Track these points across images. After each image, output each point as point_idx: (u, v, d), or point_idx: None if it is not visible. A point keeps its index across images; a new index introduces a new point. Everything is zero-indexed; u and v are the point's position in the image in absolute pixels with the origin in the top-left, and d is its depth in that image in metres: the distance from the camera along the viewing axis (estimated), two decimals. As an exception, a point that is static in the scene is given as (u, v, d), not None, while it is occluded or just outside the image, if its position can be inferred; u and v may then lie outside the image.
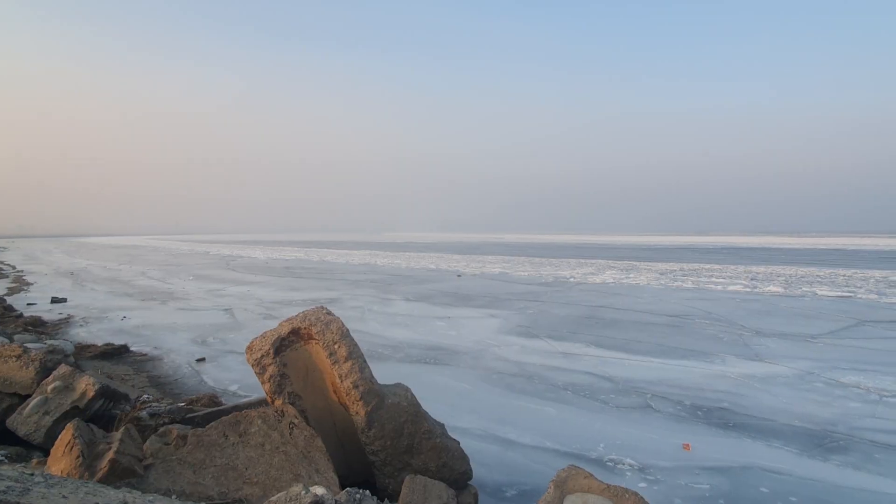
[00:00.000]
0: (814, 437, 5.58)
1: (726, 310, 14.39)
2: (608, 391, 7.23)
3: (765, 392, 7.14)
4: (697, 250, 57.75)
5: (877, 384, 7.42)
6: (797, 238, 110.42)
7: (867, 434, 5.65)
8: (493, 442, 5.51)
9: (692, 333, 11.17)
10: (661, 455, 5.15)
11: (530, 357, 9.13)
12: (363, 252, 52.67)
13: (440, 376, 8.03)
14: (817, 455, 5.16)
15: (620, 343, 10.24)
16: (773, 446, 5.37)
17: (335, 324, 4.31)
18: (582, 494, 2.50)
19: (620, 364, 8.67)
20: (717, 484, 4.57)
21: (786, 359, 8.92)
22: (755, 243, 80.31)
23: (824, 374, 7.99)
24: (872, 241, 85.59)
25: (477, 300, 16.57)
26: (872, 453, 5.18)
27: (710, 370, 8.27)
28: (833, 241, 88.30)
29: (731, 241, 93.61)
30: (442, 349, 9.74)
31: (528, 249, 59.96)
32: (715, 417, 6.21)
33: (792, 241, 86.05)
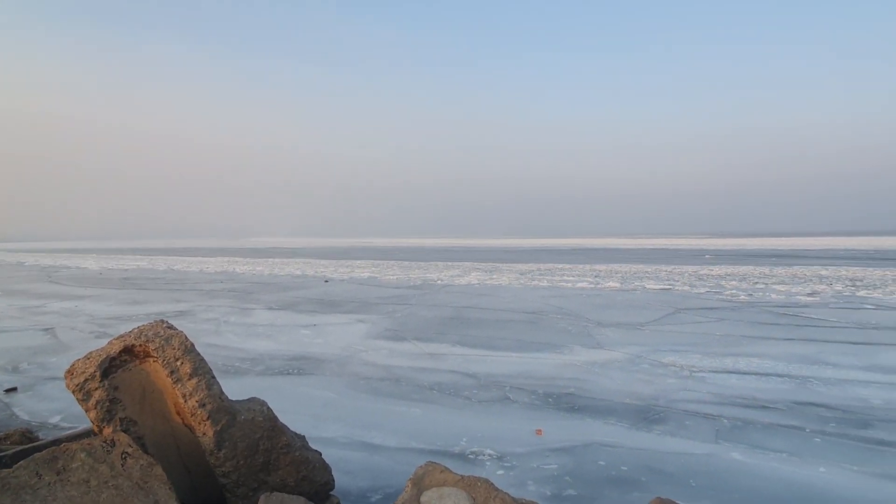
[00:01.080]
0: (640, 412, 6.41)
1: (575, 305, 15.93)
2: (471, 387, 7.56)
3: (604, 376, 8.03)
4: (552, 252, 63.11)
5: (688, 362, 8.76)
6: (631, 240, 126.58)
7: (680, 405, 6.64)
8: (359, 448, 5.44)
9: (546, 328, 12.16)
10: (518, 442, 5.52)
11: (398, 360, 9.20)
12: (220, 259, 48.71)
13: (304, 387, 7.72)
14: (643, 427, 5.93)
15: (483, 341, 10.78)
16: (609, 423, 6.06)
17: (177, 338, 3.92)
18: (438, 489, 2.58)
19: (483, 361, 9.11)
20: (564, 463, 5.02)
21: (620, 345, 10.14)
22: (599, 244, 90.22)
23: (649, 356, 9.23)
24: (688, 241, 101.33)
25: (345, 306, 16.26)
26: (684, 421, 6.10)
27: (561, 360, 9.08)
28: (658, 241, 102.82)
29: (580, 242, 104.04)
30: (306, 358, 9.38)
31: (397, 253, 60.46)
32: (563, 403, 6.82)
33: (627, 243, 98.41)
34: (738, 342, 10.31)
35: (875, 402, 6.69)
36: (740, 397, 6.93)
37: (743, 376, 7.90)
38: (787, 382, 7.56)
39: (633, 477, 4.72)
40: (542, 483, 4.61)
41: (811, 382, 7.54)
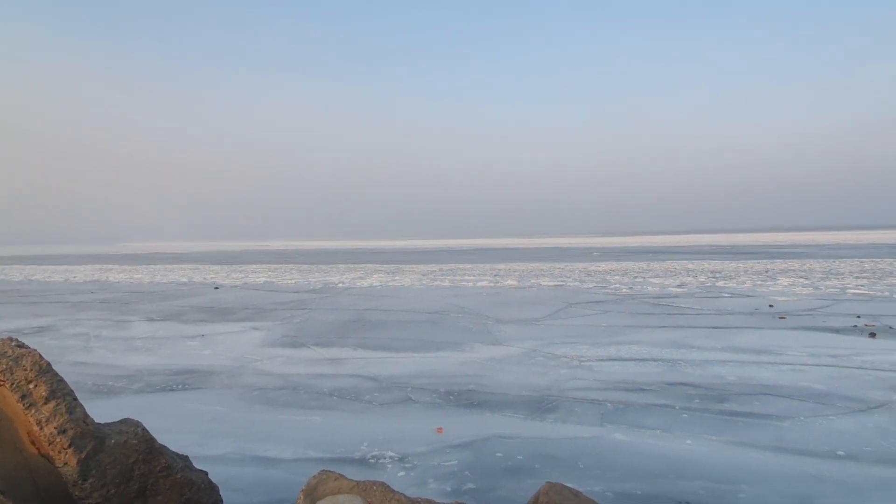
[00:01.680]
0: (535, 402, 6.75)
1: (475, 303, 16.38)
2: (373, 391, 7.47)
3: (502, 371, 8.34)
4: (454, 252, 64.39)
5: (578, 353, 9.38)
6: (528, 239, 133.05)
7: (570, 393, 7.09)
8: (251, 463, 5.14)
9: (448, 327, 12.38)
10: (419, 442, 5.54)
11: (295, 367, 8.84)
12: (91, 267, 43.65)
13: (189, 402, 7.15)
14: (537, 416, 6.25)
15: (385, 343, 10.71)
16: (506, 416, 6.30)
17: (29, 358, 3.44)
18: (332, 497, 2.51)
19: (385, 363, 9.05)
20: (464, 458, 5.13)
21: (517, 340, 10.61)
22: (499, 245, 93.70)
23: (544, 349, 9.75)
24: (578, 240, 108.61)
25: (237, 313, 15.32)
26: (573, 408, 6.52)
27: (461, 358, 9.28)
28: (552, 241, 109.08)
29: (481, 243, 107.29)
30: (193, 372, 8.69)
31: (296, 257, 58.18)
32: (464, 399, 6.98)
33: (525, 243, 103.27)
34: (621, 332, 11.24)
35: (730, 378, 7.63)
36: (622, 382, 7.55)
37: (624, 363, 8.62)
38: (660, 366, 8.38)
39: (528, 465, 4.95)
40: (443, 480, 4.67)
41: (679, 364, 8.43)
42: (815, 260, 33.30)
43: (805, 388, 7.08)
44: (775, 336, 10.48)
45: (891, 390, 6.88)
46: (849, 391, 6.89)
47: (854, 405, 6.36)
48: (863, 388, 6.99)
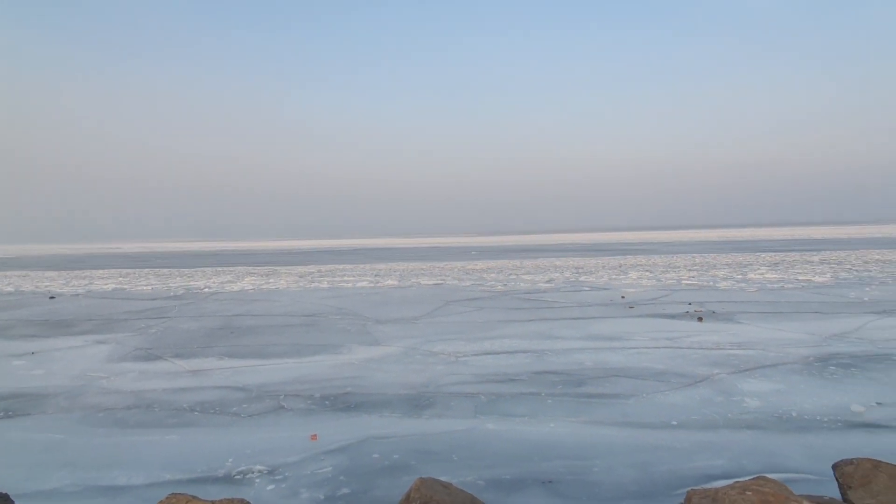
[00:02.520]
0: (412, 400, 6.82)
1: (354, 304, 16.13)
2: (241, 402, 7.00)
3: (380, 371, 8.31)
4: (334, 253, 62.83)
5: (454, 349, 9.67)
6: (409, 239, 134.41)
7: (447, 388, 7.29)
8: (94, 494, 4.52)
9: (325, 329, 12.02)
10: (291, 452, 5.30)
11: (150, 383, 7.97)
12: None
13: (16, 431, 6.11)
14: (414, 414, 6.33)
15: (256, 350, 10.10)
16: (384, 416, 6.29)
17: None
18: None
19: (255, 371, 8.54)
20: (339, 463, 5.01)
21: (396, 339, 10.65)
22: (380, 244, 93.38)
23: (422, 347, 9.90)
24: (457, 240, 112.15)
25: (79, 326, 13.41)
26: (449, 402, 6.71)
27: (339, 360, 9.07)
28: (432, 240, 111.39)
29: (362, 243, 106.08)
30: (21, 396, 7.44)
31: (152, 260, 52.54)
32: (340, 403, 6.83)
33: (405, 242, 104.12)
34: (495, 326, 11.82)
35: (588, 364, 8.40)
36: (494, 374, 7.94)
37: (497, 356, 9.07)
38: (529, 357, 8.95)
39: (404, 463, 4.99)
40: (316, 488, 4.52)
41: (546, 354, 9.08)
42: (658, 256, 37.99)
43: (647, 368, 8.04)
44: (625, 324, 11.75)
45: (713, 366, 8.07)
46: (681, 369, 7.96)
47: (685, 380, 7.36)
48: (691, 365, 8.12)
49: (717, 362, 8.24)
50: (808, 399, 6.43)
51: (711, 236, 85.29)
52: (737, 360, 8.34)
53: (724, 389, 6.90)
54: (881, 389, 6.73)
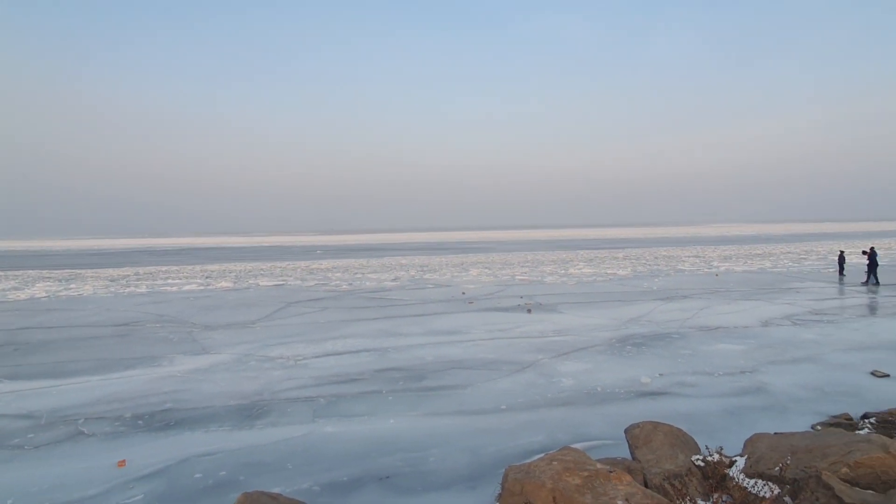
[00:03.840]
0: (245, 410, 6.35)
1: (179, 309, 14.49)
2: (26, 431, 5.83)
3: (208, 382, 7.57)
4: (155, 253, 55.85)
5: (294, 352, 9.25)
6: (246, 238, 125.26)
7: (284, 394, 6.93)
8: None
9: (141, 340, 10.59)
10: (92, 484, 4.55)
11: None
12: None
13: None
14: (246, 425, 5.89)
15: (49, 369, 8.50)
16: (210, 431, 5.74)
17: None
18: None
19: (46, 394, 7.17)
20: (153, 488, 4.44)
21: (229, 346, 9.82)
22: (212, 244, 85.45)
23: (258, 352, 9.28)
24: (301, 238, 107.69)
25: None
26: (286, 408, 6.38)
27: (157, 374, 8.06)
28: (274, 239, 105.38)
29: (190, 242, 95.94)
30: None
31: None
32: (157, 422, 6.06)
33: (242, 241, 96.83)
34: (338, 327, 11.58)
35: (429, 358, 8.67)
36: (336, 375, 7.77)
37: (339, 356, 8.90)
38: (372, 355, 8.94)
39: (231, 479, 4.60)
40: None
41: (389, 351, 9.17)
42: (496, 253, 40.95)
43: (482, 358, 8.58)
44: (465, 318, 12.42)
45: (537, 352, 8.92)
46: (511, 357, 8.65)
47: (513, 367, 8.01)
48: (520, 353, 8.88)
49: (541, 349, 9.13)
50: (609, 375, 7.46)
51: (542, 236, 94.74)
52: (557, 345, 9.34)
53: (545, 373, 7.67)
54: (663, 362, 8.10)
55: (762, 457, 3.86)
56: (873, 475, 3.27)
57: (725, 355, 8.46)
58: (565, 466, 2.87)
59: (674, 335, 9.98)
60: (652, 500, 2.60)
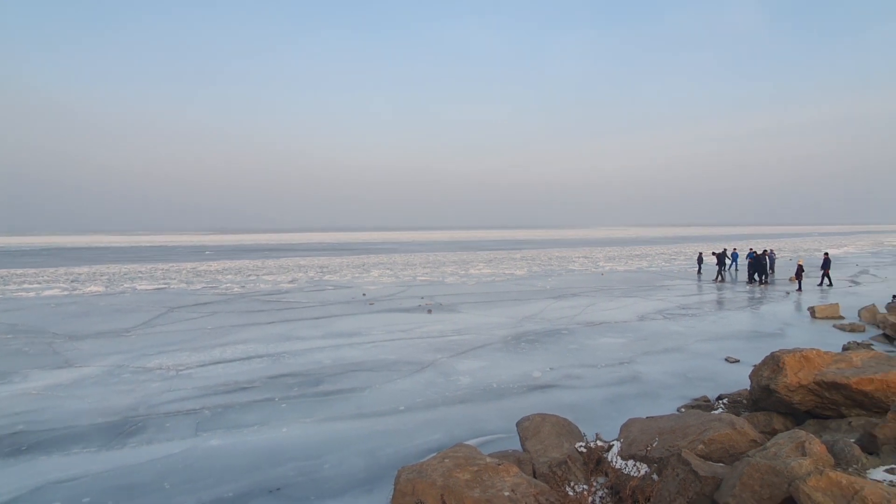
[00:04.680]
0: (115, 428, 5.72)
1: (38, 318, 12.74)
2: None
3: (71, 398, 6.73)
4: (9, 253, 48.75)
5: (176, 361, 8.52)
6: (124, 237, 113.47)
7: (162, 408, 6.35)
8: None
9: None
10: (-89, 527, 3.84)
11: None
12: None
13: None
14: (116, 444, 5.31)
15: None
16: (72, 453, 5.10)
17: None
18: None
19: None
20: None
21: (97, 357, 8.80)
22: (81, 242, 76.40)
23: (133, 363, 8.42)
24: (188, 238, 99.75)
25: None
26: (164, 423, 5.85)
27: (7, 392, 7.01)
28: (157, 238, 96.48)
29: (54, 241, 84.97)
30: None
31: None
32: (5, 447, 5.27)
33: (120, 240, 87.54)
34: (228, 332, 10.86)
35: (327, 362, 8.43)
36: (224, 385, 7.27)
37: (228, 364, 8.34)
38: (265, 361, 8.50)
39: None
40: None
41: (284, 356, 8.77)
42: (398, 254, 40.92)
43: (382, 360, 8.52)
44: (365, 320, 12.25)
45: (437, 351, 9.03)
46: (411, 357, 8.68)
47: (413, 368, 8.04)
48: (420, 353, 8.93)
49: (440, 348, 9.26)
50: (504, 371, 7.76)
51: (444, 237, 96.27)
52: (456, 344, 9.54)
53: (444, 371, 7.79)
54: (553, 357, 8.58)
55: (635, 440, 4.23)
56: (723, 449, 3.71)
57: (607, 348, 9.17)
58: (456, 463, 2.93)
59: (563, 331, 10.63)
60: (535, 488, 2.74)
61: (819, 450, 2.96)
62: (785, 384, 4.42)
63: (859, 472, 2.91)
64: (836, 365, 4.42)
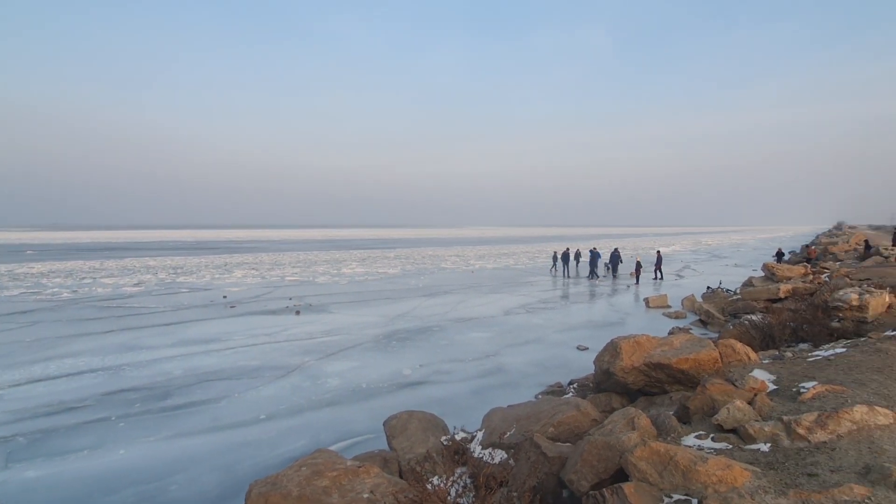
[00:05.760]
0: None
1: None
2: None
3: None
4: None
5: (-20, 382, 7.10)
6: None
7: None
8: None
9: None
10: None
11: None
12: None
13: None
14: None
15: None
16: None
17: None
18: None
19: None
20: None
21: None
22: None
23: (-83, 388, 6.84)
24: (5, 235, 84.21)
25: None
26: (-41, 458, 4.84)
27: None
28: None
29: None
30: None
31: None
32: None
33: None
34: (53, 344, 9.33)
35: (177, 372, 7.64)
36: (45, 406, 6.23)
37: (52, 382, 7.16)
38: (100, 376, 7.45)
39: None
40: None
41: (124, 369, 7.77)
42: (265, 253, 38.62)
43: (243, 366, 7.95)
44: (225, 324, 11.34)
45: (304, 354, 8.67)
46: (276, 362, 8.22)
47: (278, 373, 7.62)
48: (286, 357, 8.50)
49: (308, 350, 8.91)
50: (375, 371, 7.70)
51: (317, 235, 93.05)
52: (325, 346, 9.24)
53: (312, 375, 7.51)
54: (424, 354, 8.72)
55: (496, 428, 4.45)
56: (570, 430, 4.06)
57: (475, 343, 9.56)
58: (315, 470, 2.81)
59: (434, 328, 10.86)
60: (395, 486, 2.74)
61: (645, 423, 3.36)
62: (621, 367, 4.96)
63: (676, 441, 3.36)
64: (661, 348, 5.07)
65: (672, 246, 49.24)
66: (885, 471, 2.45)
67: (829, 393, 3.72)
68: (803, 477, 2.53)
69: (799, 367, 4.65)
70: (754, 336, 6.97)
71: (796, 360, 5.00)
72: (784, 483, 2.48)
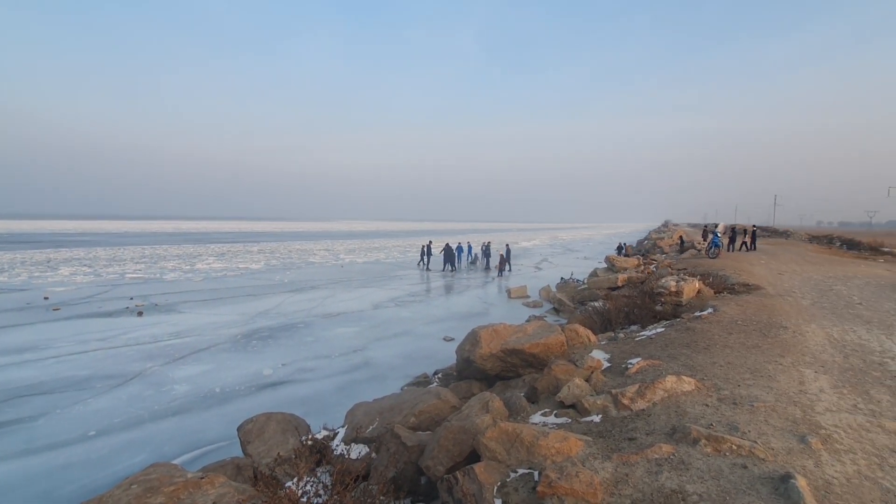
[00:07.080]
0: None
1: None
2: None
3: None
4: None
5: None
6: None
7: None
8: None
9: None
10: None
11: None
12: None
13: None
14: None
15: None
16: None
17: None
18: None
19: None
20: None
21: None
22: None
23: None
24: None
25: None
26: None
27: None
28: None
29: None
30: None
31: None
32: None
33: None
34: None
35: None
36: None
37: None
38: None
39: None
40: None
41: None
42: (102, 248, 33.83)
43: (68, 377, 6.89)
44: (46, 329, 9.73)
45: (147, 360, 7.77)
46: (111, 369, 7.25)
47: (113, 382, 6.74)
48: (124, 364, 7.54)
49: (152, 355, 8.00)
50: (230, 373, 7.17)
51: (168, 228, 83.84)
52: (173, 349, 8.39)
53: (155, 382, 6.76)
54: (287, 352, 8.34)
55: (359, 423, 4.40)
56: (431, 419, 4.16)
57: (342, 338, 9.38)
58: (147, 487, 2.53)
59: (300, 325, 10.44)
60: (243, 494, 2.57)
61: (498, 405, 3.58)
62: (480, 354, 5.23)
63: (525, 419, 3.63)
64: (516, 335, 5.43)
65: (532, 241, 53.10)
66: (685, 430, 2.90)
67: (649, 367, 4.29)
68: (625, 441, 2.89)
69: (628, 345, 5.31)
70: (595, 321, 7.78)
71: (627, 340, 5.69)
72: (610, 448, 2.81)
